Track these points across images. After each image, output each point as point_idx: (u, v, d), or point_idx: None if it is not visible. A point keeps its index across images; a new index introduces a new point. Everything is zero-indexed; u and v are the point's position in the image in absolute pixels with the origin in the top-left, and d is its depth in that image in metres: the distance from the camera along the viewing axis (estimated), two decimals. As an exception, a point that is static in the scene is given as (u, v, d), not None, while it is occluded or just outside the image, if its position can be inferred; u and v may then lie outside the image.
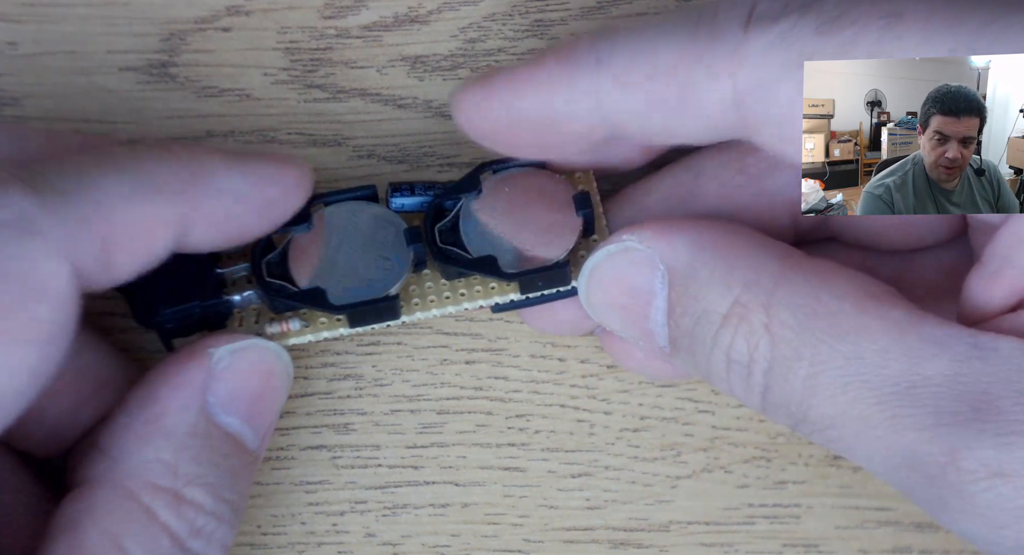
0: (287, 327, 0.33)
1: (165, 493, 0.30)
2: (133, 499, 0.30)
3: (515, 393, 0.36)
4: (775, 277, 0.30)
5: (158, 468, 0.30)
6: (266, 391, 0.32)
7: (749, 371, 0.31)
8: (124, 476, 0.30)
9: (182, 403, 0.31)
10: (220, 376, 0.31)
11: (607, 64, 0.31)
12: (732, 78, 0.30)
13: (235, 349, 0.32)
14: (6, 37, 0.35)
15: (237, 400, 0.32)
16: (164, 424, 0.31)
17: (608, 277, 0.32)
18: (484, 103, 0.32)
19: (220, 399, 0.31)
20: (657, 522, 0.36)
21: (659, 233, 0.32)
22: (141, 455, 0.30)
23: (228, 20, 0.36)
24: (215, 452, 0.31)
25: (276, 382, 0.32)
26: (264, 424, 0.32)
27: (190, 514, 0.30)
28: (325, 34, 0.36)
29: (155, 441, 0.31)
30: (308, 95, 0.36)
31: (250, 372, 0.32)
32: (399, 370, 0.36)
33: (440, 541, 0.36)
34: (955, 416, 0.28)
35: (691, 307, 0.31)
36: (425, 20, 0.36)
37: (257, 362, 0.32)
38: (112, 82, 0.36)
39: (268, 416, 0.32)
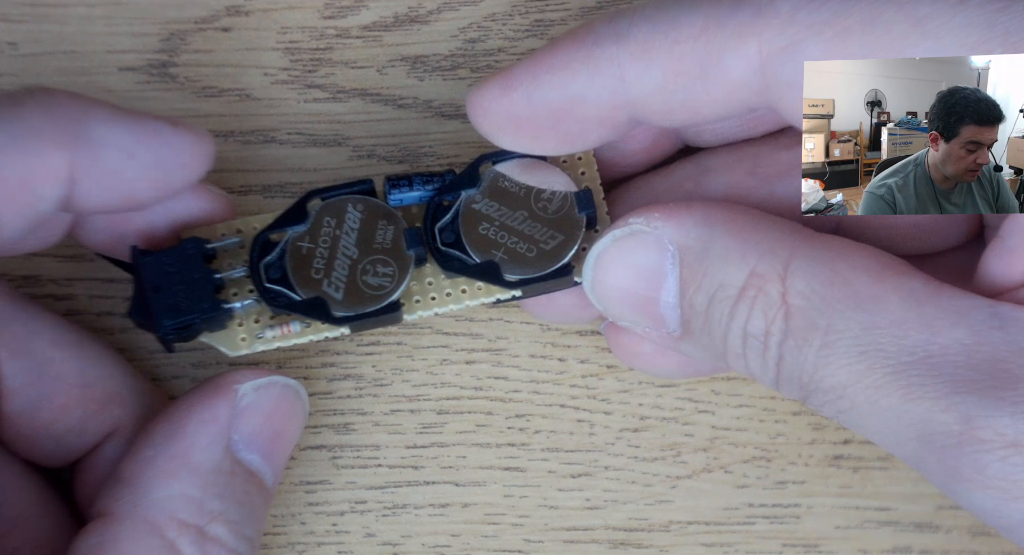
0: (287, 330, 0.33)
1: (190, 529, 0.30)
2: (158, 533, 0.30)
3: (515, 393, 0.36)
4: (789, 248, 0.30)
5: (184, 503, 0.30)
6: (285, 429, 0.32)
7: (765, 344, 0.30)
8: (149, 510, 0.30)
9: (209, 439, 0.31)
10: (244, 412, 0.31)
11: (627, 36, 0.31)
12: (758, 39, 0.30)
13: (259, 386, 0.32)
14: (6, 37, 0.35)
15: (259, 437, 0.32)
16: (191, 459, 0.31)
17: (616, 262, 0.32)
18: (503, 96, 0.32)
19: (243, 436, 0.31)
20: (657, 522, 0.36)
21: (667, 214, 0.31)
22: (167, 489, 0.30)
23: (228, 20, 0.36)
24: (238, 489, 0.31)
25: (295, 420, 0.33)
26: (281, 461, 0.32)
27: (213, 551, 0.30)
28: (325, 34, 0.36)
29: (182, 476, 0.31)
30: (308, 95, 0.36)
31: (272, 409, 0.32)
32: (399, 370, 0.36)
33: (440, 541, 0.36)
34: (972, 385, 0.28)
35: (705, 284, 0.31)
36: (425, 20, 0.36)
37: (279, 399, 0.32)
38: (112, 82, 0.36)
39: (285, 453, 0.33)
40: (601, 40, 0.31)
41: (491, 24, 0.36)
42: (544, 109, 0.32)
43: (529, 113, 0.32)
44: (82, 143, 0.29)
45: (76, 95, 0.30)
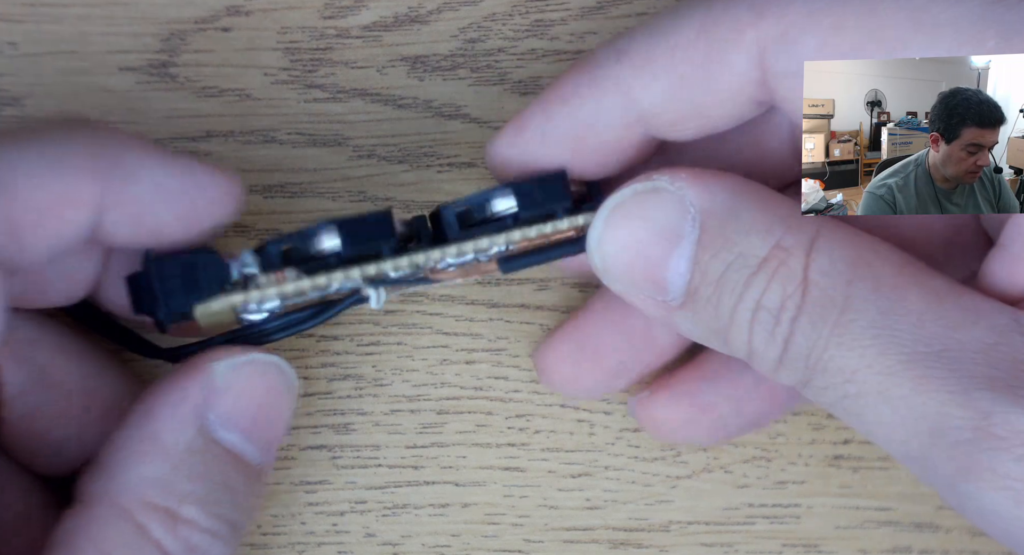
0: (282, 275, 0.32)
1: (159, 511, 0.30)
2: (127, 517, 0.30)
3: (515, 393, 0.36)
4: (816, 226, 0.30)
5: (153, 486, 0.30)
6: (269, 406, 0.32)
7: (777, 319, 0.29)
8: (119, 493, 0.30)
9: (180, 420, 0.31)
10: (221, 392, 0.31)
11: (627, 52, 0.31)
12: (755, 30, 0.30)
13: (236, 364, 0.31)
14: (6, 37, 0.35)
15: (238, 416, 0.31)
16: (161, 441, 0.30)
17: (631, 218, 0.31)
18: (517, 140, 0.32)
19: (221, 416, 0.31)
20: (657, 522, 0.36)
21: (695, 176, 0.31)
22: (136, 472, 0.30)
23: (228, 20, 0.36)
24: (213, 469, 0.31)
25: (279, 397, 0.32)
26: (268, 439, 0.32)
27: (185, 532, 0.30)
28: (325, 34, 0.36)
29: (151, 458, 0.30)
30: (308, 95, 0.36)
31: (251, 388, 0.31)
32: (399, 370, 0.36)
33: (440, 541, 0.36)
34: (991, 381, 0.28)
35: (725, 251, 0.30)
36: (425, 20, 0.36)
37: (259, 377, 0.32)
38: (112, 82, 0.36)
39: (272, 431, 0.32)
40: (602, 62, 0.31)
41: (491, 24, 0.36)
42: (559, 143, 0.32)
43: (544, 151, 0.32)
44: (116, 175, 0.29)
45: (115, 130, 0.30)
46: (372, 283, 0.32)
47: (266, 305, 0.31)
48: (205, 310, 0.31)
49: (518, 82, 0.36)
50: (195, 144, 0.36)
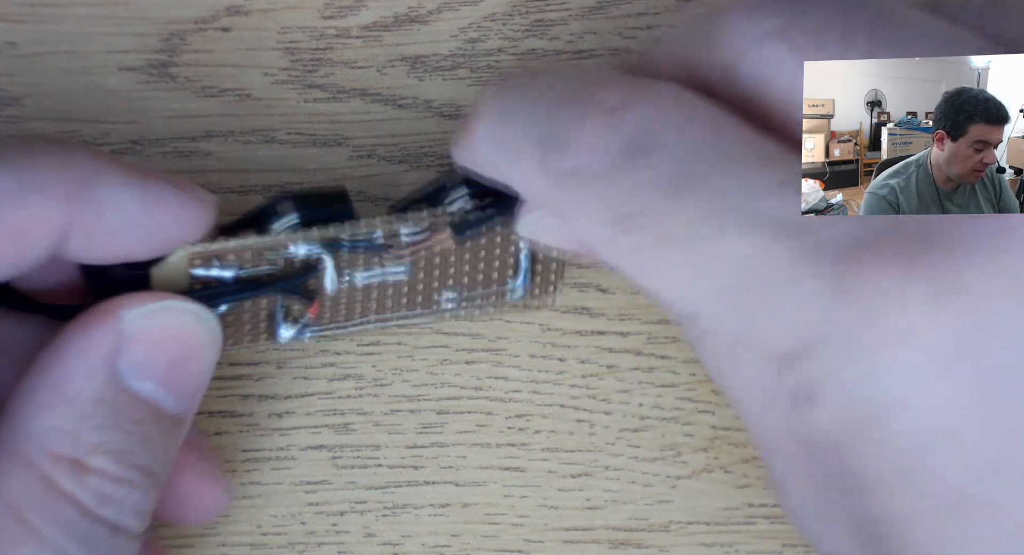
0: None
1: (66, 462, 0.29)
2: (33, 469, 0.29)
3: (515, 393, 0.36)
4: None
5: (59, 436, 0.29)
6: (185, 354, 0.31)
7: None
8: (23, 444, 0.29)
9: (88, 369, 0.30)
10: (132, 340, 0.30)
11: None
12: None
13: (148, 312, 0.31)
14: (6, 37, 0.35)
15: (151, 364, 0.30)
16: (68, 391, 0.30)
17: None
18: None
19: (133, 364, 0.30)
20: (657, 522, 0.36)
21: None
22: (41, 422, 0.29)
23: (228, 20, 0.36)
24: (124, 418, 0.30)
25: (196, 344, 0.31)
26: (187, 387, 0.31)
27: (95, 482, 0.29)
28: (325, 34, 0.36)
29: (57, 408, 0.30)
30: (308, 95, 0.36)
31: (166, 335, 0.31)
32: (399, 370, 0.36)
33: (440, 541, 0.36)
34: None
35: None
36: (425, 20, 0.36)
37: (173, 324, 0.31)
38: (112, 82, 0.36)
39: (191, 379, 0.31)
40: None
41: (491, 24, 0.36)
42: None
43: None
44: (87, 203, 0.29)
45: (93, 152, 0.30)
46: (329, 246, 0.32)
47: (223, 269, 0.31)
48: (160, 270, 0.31)
49: (518, 82, 0.36)
50: (195, 144, 0.36)
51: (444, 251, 0.33)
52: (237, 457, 0.36)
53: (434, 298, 0.34)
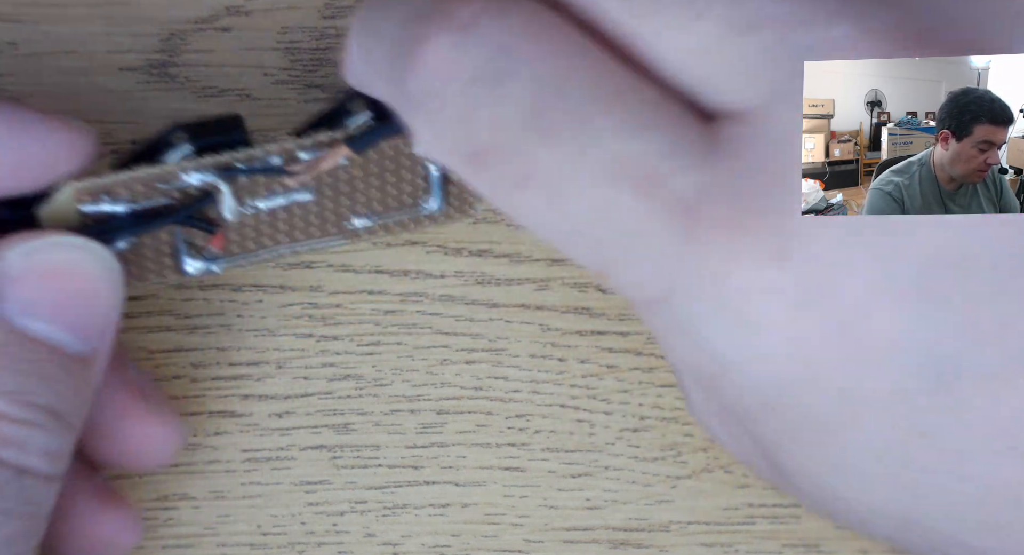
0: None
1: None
2: None
3: (515, 393, 0.36)
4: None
5: None
6: (79, 290, 0.30)
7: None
8: None
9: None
10: (16, 279, 0.30)
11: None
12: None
13: (32, 249, 0.30)
14: (6, 37, 0.35)
15: (39, 302, 0.30)
16: None
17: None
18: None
19: (20, 303, 0.30)
20: (657, 522, 0.36)
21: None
22: None
23: (228, 20, 0.36)
24: (17, 359, 0.29)
25: (88, 279, 0.30)
26: (85, 324, 0.30)
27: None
28: (325, 34, 0.36)
29: None
30: (308, 95, 0.36)
31: (51, 271, 0.30)
32: (399, 370, 0.36)
33: (440, 541, 0.36)
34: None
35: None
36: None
37: (59, 260, 0.30)
38: (112, 82, 0.36)
39: (90, 316, 0.30)
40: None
41: (491, 24, 0.36)
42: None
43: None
44: None
45: None
46: (224, 172, 0.31)
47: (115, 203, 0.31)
48: (47, 209, 0.30)
49: (518, 82, 0.36)
50: (195, 144, 0.36)
51: (346, 167, 0.32)
52: (237, 457, 0.36)
53: (345, 222, 0.33)
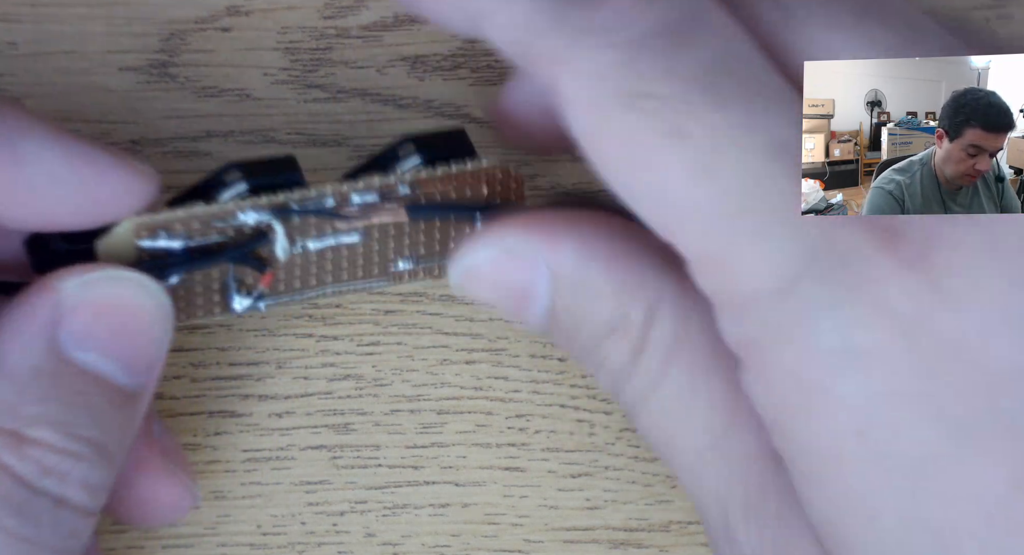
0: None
1: (4, 434, 0.29)
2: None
3: (515, 393, 0.36)
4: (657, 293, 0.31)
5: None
6: (130, 323, 0.30)
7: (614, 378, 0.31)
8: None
9: (25, 340, 0.30)
10: (72, 310, 0.30)
11: None
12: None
13: (87, 281, 0.30)
14: (6, 37, 0.35)
15: (93, 334, 0.30)
16: (5, 365, 0.29)
17: (487, 280, 0.32)
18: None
19: (74, 334, 0.30)
20: (657, 522, 0.36)
21: (544, 238, 0.31)
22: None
23: (228, 20, 0.36)
24: (67, 390, 0.30)
25: (141, 314, 0.31)
26: (134, 358, 0.30)
27: (35, 454, 0.29)
28: (325, 34, 0.36)
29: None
30: (308, 95, 0.36)
31: (106, 304, 0.30)
32: (399, 370, 0.36)
33: (440, 541, 0.36)
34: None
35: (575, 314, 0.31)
36: (425, 20, 0.36)
37: (114, 293, 0.30)
38: (112, 82, 0.36)
39: (140, 351, 0.31)
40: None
41: (491, 24, 0.36)
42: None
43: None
44: (7, 159, 0.29)
45: (22, 112, 0.30)
46: (278, 213, 0.31)
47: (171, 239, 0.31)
48: (106, 242, 0.31)
49: (518, 82, 0.36)
50: (195, 144, 0.36)
51: (396, 224, 0.33)
52: (237, 457, 0.36)
53: (390, 265, 0.33)
